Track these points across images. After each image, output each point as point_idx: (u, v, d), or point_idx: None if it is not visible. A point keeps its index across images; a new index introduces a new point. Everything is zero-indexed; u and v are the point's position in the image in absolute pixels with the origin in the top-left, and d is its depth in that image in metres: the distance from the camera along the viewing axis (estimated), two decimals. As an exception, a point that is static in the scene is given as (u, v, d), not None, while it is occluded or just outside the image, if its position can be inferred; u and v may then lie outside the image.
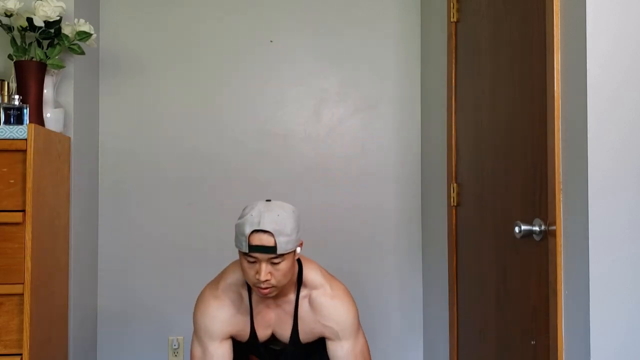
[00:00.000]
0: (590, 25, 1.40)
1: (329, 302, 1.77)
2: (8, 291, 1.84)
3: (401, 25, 2.84)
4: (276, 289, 1.64)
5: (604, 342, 1.38)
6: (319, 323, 1.76)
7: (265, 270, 1.60)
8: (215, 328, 1.75)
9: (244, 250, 1.60)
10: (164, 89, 2.75)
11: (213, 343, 1.75)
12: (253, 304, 1.76)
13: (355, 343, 1.79)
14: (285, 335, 1.78)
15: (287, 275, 1.64)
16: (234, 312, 1.76)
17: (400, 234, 2.82)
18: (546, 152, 1.56)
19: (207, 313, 1.76)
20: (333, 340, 1.78)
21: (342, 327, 1.76)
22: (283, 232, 1.60)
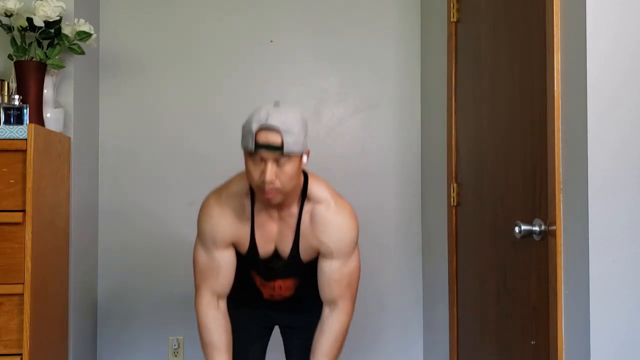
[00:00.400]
0: (590, 25, 1.40)
1: (330, 218, 1.70)
2: (8, 291, 1.84)
3: (401, 25, 2.84)
4: (280, 194, 1.58)
5: (604, 342, 1.38)
6: (316, 238, 1.70)
7: (271, 170, 1.54)
8: (219, 234, 1.72)
9: (250, 148, 1.54)
10: (164, 89, 2.75)
11: (217, 249, 1.73)
12: (255, 215, 1.71)
13: (344, 263, 1.73)
14: (285, 250, 1.72)
15: (292, 180, 1.57)
16: (236, 220, 1.72)
17: (400, 234, 2.82)
18: (546, 152, 1.56)
19: (211, 219, 1.72)
20: (325, 258, 1.72)
21: (336, 246, 1.71)
22: (291, 132, 1.53)
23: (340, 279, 1.73)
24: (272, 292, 1.81)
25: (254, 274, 1.80)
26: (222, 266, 1.73)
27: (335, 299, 1.74)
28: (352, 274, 1.75)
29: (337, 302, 1.74)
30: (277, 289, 1.80)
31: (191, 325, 2.73)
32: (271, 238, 1.73)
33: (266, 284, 1.80)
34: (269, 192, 1.56)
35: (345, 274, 1.74)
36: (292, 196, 1.68)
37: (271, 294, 1.82)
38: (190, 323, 2.73)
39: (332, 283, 1.73)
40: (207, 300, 1.75)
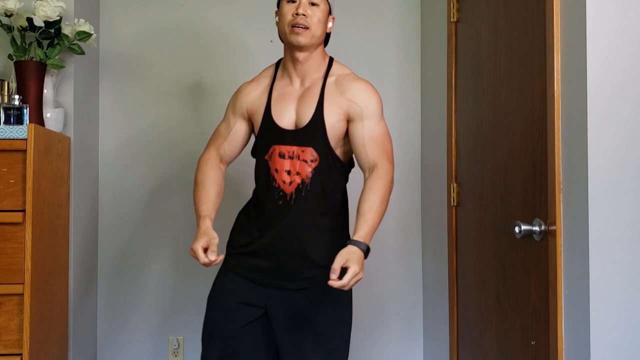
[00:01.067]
0: (590, 25, 1.40)
1: (356, 83, 1.80)
2: (8, 291, 1.84)
3: (401, 25, 2.84)
4: (307, 36, 1.72)
5: (604, 342, 1.38)
6: (344, 97, 1.76)
7: (304, 5, 1.73)
8: (237, 101, 1.87)
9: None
10: (164, 89, 2.75)
11: (234, 116, 1.88)
12: (275, 82, 1.83)
13: (377, 123, 1.77)
14: (308, 114, 1.75)
15: (319, 25, 1.74)
16: (261, 90, 1.85)
17: (400, 234, 2.82)
18: (546, 152, 1.56)
19: (237, 92, 1.90)
20: (354, 121, 1.75)
21: (366, 105, 1.76)
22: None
23: (374, 137, 1.75)
24: (289, 167, 1.74)
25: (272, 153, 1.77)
26: (232, 134, 1.87)
27: (374, 159, 1.74)
28: (384, 135, 1.77)
29: (377, 163, 1.74)
30: (294, 164, 1.74)
31: (191, 325, 2.73)
32: (290, 108, 1.78)
33: (282, 159, 1.75)
34: (299, 29, 1.71)
35: (379, 135, 1.76)
36: (317, 64, 1.80)
37: (285, 179, 1.74)
38: (191, 323, 2.73)
39: (367, 143, 1.74)
40: (210, 155, 1.89)
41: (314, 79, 1.80)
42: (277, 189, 1.76)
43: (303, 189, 1.75)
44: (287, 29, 1.74)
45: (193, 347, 2.72)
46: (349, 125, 1.77)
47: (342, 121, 1.76)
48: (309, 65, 1.79)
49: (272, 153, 1.77)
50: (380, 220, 1.75)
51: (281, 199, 1.76)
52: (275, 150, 1.76)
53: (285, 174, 1.75)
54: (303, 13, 1.72)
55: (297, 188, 1.75)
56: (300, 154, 1.75)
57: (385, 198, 1.73)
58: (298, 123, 1.77)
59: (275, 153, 1.76)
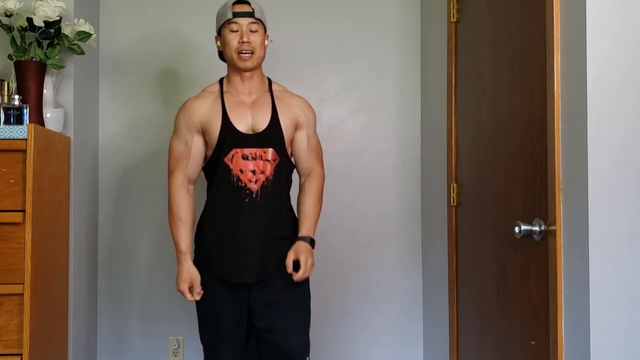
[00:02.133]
0: (590, 25, 1.40)
1: (297, 97, 2.10)
2: (8, 291, 1.84)
3: (401, 25, 2.84)
4: (253, 59, 1.96)
5: (604, 342, 1.38)
6: (292, 108, 2.04)
7: (247, 33, 1.95)
8: (191, 118, 1.99)
9: (228, 17, 1.95)
10: (164, 89, 2.75)
11: (190, 134, 2.00)
12: (225, 99, 2.00)
13: (313, 135, 2.11)
14: (265, 120, 1.98)
15: (261, 48, 1.98)
16: (208, 104, 2.00)
17: (400, 234, 2.82)
18: (546, 152, 1.56)
19: (184, 110, 2.02)
20: (300, 129, 2.06)
21: (308, 118, 2.08)
22: (257, 4, 2.00)
23: (313, 147, 2.10)
24: (253, 167, 1.94)
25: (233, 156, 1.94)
26: (193, 151, 2.00)
27: (311, 165, 2.08)
28: (319, 145, 2.14)
29: (313, 168, 2.09)
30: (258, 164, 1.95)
31: (191, 325, 2.73)
32: (245, 115, 1.98)
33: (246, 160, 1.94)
34: (246, 55, 1.94)
35: (315, 144, 2.12)
36: (261, 76, 2.05)
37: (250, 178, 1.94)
38: (191, 323, 2.73)
39: (308, 151, 2.08)
40: (180, 181, 2.01)
41: (260, 92, 2.04)
42: (244, 188, 1.95)
43: (268, 186, 1.97)
44: (235, 56, 1.96)
45: (193, 347, 2.72)
46: (295, 133, 2.06)
47: (292, 127, 2.04)
48: (255, 81, 2.04)
49: (234, 156, 1.95)
50: (319, 216, 2.08)
51: (247, 197, 1.95)
52: (238, 152, 1.95)
53: (251, 173, 1.95)
54: (247, 40, 1.94)
55: (263, 185, 1.96)
56: (262, 154, 1.96)
57: (320, 197, 2.09)
58: (255, 128, 1.98)
59: (237, 155, 1.95)
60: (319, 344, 2.74)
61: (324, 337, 2.76)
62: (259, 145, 1.95)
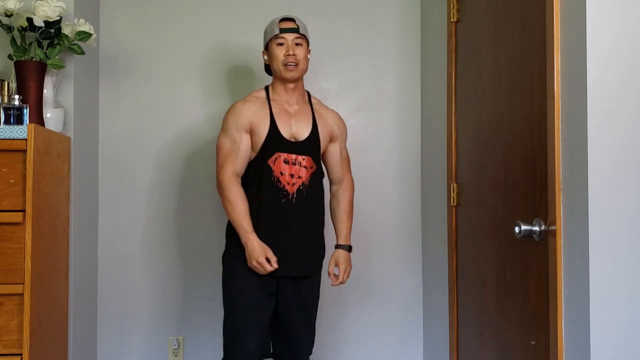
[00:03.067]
0: (590, 25, 1.40)
1: (332, 111, 2.30)
2: (8, 291, 1.84)
3: (401, 25, 2.84)
4: (297, 71, 2.12)
5: (604, 342, 1.38)
6: (328, 121, 2.22)
7: (292, 47, 2.11)
8: (241, 118, 2.11)
9: (276, 33, 2.11)
10: (164, 89, 2.75)
11: (239, 132, 2.10)
12: (272, 105, 2.14)
13: (344, 147, 2.31)
14: (305, 131, 2.14)
15: (304, 61, 2.14)
16: (256, 108, 2.13)
17: (400, 233, 2.82)
18: (546, 152, 1.56)
19: (234, 110, 2.13)
20: (334, 141, 2.24)
21: (341, 131, 2.28)
22: (301, 21, 2.17)
23: (345, 157, 2.30)
24: (291, 171, 2.09)
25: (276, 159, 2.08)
26: (241, 148, 2.10)
27: (343, 174, 2.27)
28: (348, 157, 2.33)
29: (344, 177, 2.28)
30: (296, 169, 2.10)
31: (191, 325, 2.73)
32: (289, 123, 2.13)
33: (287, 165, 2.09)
34: (291, 66, 2.10)
35: (346, 155, 2.31)
36: (302, 89, 2.21)
37: (288, 181, 2.09)
38: (191, 323, 2.73)
39: (341, 161, 2.27)
40: (230, 174, 2.10)
41: (301, 103, 2.19)
42: (282, 189, 2.09)
43: (304, 190, 2.11)
44: (281, 67, 2.11)
45: (193, 347, 2.72)
46: (329, 144, 2.23)
47: (328, 138, 2.22)
48: (297, 92, 2.18)
49: (277, 159, 2.09)
50: (352, 223, 2.28)
51: (284, 198, 2.09)
52: (280, 156, 2.09)
53: (289, 176, 2.09)
54: (293, 53, 2.10)
55: (298, 189, 2.10)
56: (301, 161, 2.12)
57: (352, 204, 2.29)
58: (296, 136, 2.13)
59: (280, 159, 2.09)
60: (319, 344, 2.74)
61: (324, 336, 2.76)
62: (299, 152, 2.11)
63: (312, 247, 2.17)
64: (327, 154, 2.25)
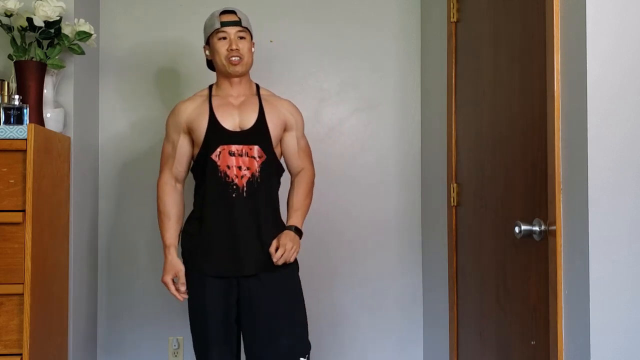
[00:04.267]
0: (590, 25, 1.40)
1: (285, 100, 2.18)
2: (8, 291, 1.84)
3: (401, 25, 2.84)
4: (243, 65, 2.04)
5: (604, 342, 1.38)
6: (280, 110, 2.11)
7: (235, 40, 2.02)
8: (178, 118, 2.07)
9: (217, 27, 2.03)
10: (164, 89, 2.75)
11: (178, 134, 2.07)
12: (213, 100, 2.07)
13: (302, 136, 2.18)
14: (251, 119, 2.04)
15: (249, 54, 2.06)
16: (195, 105, 2.08)
17: (400, 233, 2.82)
18: (546, 152, 1.56)
19: (172, 112, 2.11)
20: (289, 131, 2.13)
21: (297, 120, 2.15)
22: (243, 13, 2.09)
23: (303, 148, 2.18)
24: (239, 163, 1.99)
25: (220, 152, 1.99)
26: (178, 151, 2.07)
27: (302, 165, 2.16)
28: (308, 146, 2.21)
29: (304, 167, 2.17)
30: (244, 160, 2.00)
31: (191, 325, 2.73)
32: (232, 113, 2.04)
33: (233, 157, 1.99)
34: (235, 60, 2.01)
35: (305, 145, 2.19)
36: (249, 81, 2.12)
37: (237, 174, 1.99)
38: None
39: (299, 152, 2.16)
40: (166, 179, 2.09)
41: (248, 95, 2.11)
42: (231, 183, 2.00)
43: (254, 182, 2.01)
44: (225, 62, 2.03)
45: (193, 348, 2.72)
46: (284, 134, 2.13)
47: (280, 127, 2.10)
48: (243, 86, 2.11)
49: (221, 152, 2.00)
50: (308, 210, 2.14)
51: (234, 192, 2.00)
52: (225, 149, 2.00)
53: (237, 169, 2.00)
54: (236, 47, 2.02)
55: (248, 181, 2.01)
56: (248, 151, 2.01)
57: (310, 191, 2.16)
58: (242, 126, 2.04)
59: (224, 152, 2.00)
60: (319, 344, 2.74)
61: (324, 337, 2.76)
62: (245, 142, 2.01)
63: (270, 240, 2.00)
64: (283, 144, 2.14)
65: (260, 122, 2.04)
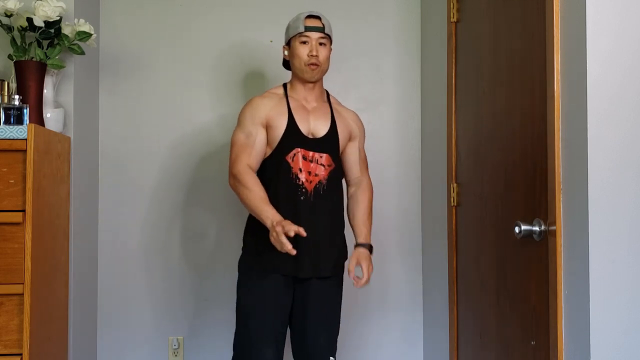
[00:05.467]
0: (590, 25, 1.40)
1: (351, 111, 2.22)
2: (8, 291, 1.84)
3: (401, 25, 2.84)
4: (319, 71, 2.06)
5: (604, 342, 1.38)
6: (347, 120, 2.15)
7: (316, 46, 2.04)
8: (257, 112, 2.05)
9: (301, 30, 2.04)
10: (164, 89, 2.75)
11: (255, 126, 2.03)
12: (290, 102, 2.08)
13: (363, 148, 2.23)
14: (323, 128, 2.07)
15: (327, 61, 2.08)
16: (274, 103, 2.07)
17: (400, 233, 2.82)
18: (546, 152, 1.56)
19: (250, 105, 2.08)
20: (352, 141, 2.17)
21: (360, 131, 2.20)
22: (327, 20, 2.10)
23: (363, 158, 2.22)
24: (309, 169, 2.02)
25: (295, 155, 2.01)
26: (257, 142, 2.02)
27: (361, 175, 2.19)
28: (366, 158, 2.25)
29: (362, 178, 2.19)
30: (314, 167, 2.03)
31: (191, 325, 2.73)
32: (307, 119, 2.06)
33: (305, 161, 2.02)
34: (313, 66, 2.03)
35: (364, 156, 2.23)
36: (321, 87, 2.14)
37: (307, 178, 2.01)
38: (191, 323, 2.73)
39: (359, 161, 2.19)
40: (244, 165, 2.00)
41: (320, 102, 2.13)
42: (301, 186, 2.02)
43: (320, 188, 2.04)
44: (304, 67, 2.05)
45: (193, 347, 2.72)
46: (347, 144, 2.15)
47: (347, 137, 2.14)
48: (316, 91, 2.12)
49: (295, 155, 2.02)
50: (372, 224, 2.17)
51: (303, 195, 2.02)
52: (299, 152, 2.02)
53: (307, 173, 2.02)
54: (316, 54, 2.03)
55: (315, 187, 2.03)
56: (319, 158, 2.04)
57: (372, 205, 2.19)
58: (314, 133, 2.07)
59: (298, 155, 2.02)
60: (319, 344, 2.74)
61: (324, 337, 2.76)
62: (318, 149, 2.04)
63: (332, 247, 2.07)
64: (346, 154, 2.16)
65: (332, 131, 2.08)
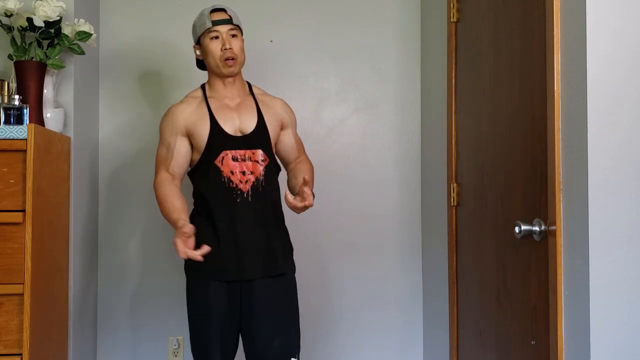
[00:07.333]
0: (590, 25, 1.40)
1: (278, 99, 2.16)
2: (8, 291, 1.84)
3: (401, 25, 2.84)
4: (237, 64, 2.00)
5: (604, 342, 1.38)
6: (276, 110, 2.09)
7: (227, 39, 1.98)
8: (176, 122, 2.00)
9: (208, 26, 1.99)
10: (164, 89, 2.75)
11: (174, 137, 1.99)
12: (210, 104, 2.02)
13: (295, 132, 2.18)
14: (251, 124, 2.01)
15: (242, 52, 2.03)
16: (193, 109, 2.02)
17: (400, 234, 2.82)
18: (546, 152, 1.56)
19: (167, 115, 2.03)
20: (285, 129, 2.12)
21: (291, 117, 2.15)
22: (232, 11, 2.05)
23: (299, 142, 2.19)
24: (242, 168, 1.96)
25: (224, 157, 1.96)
26: (177, 152, 1.98)
27: (299, 156, 2.16)
28: (301, 142, 2.22)
29: (302, 158, 2.16)
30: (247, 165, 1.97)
31: (191, 325, 2.73)
32: (232, 117, 2.01)
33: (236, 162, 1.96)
34: (230, 61, 1.98)
35: (299, 140, 2.20)
36: (242, 80, 2.09)
37: (241, 179, 1.96)
38: (190, 323, 2.73)
39: (295, 146, 2.16)
40: (163, 177, 1.97)
41: (243, 95, 2.08)
42: (235, 189, 1.97)
43: (259, 186, 1.99)
44: (220, 63, 1.99)
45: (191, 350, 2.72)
46: (280, 133, 2.11)
47: (277, 128, 2.09)
48: (237, 85, 2.07)
49: (224, 158, 1.96)
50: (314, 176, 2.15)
51: (239, 197, 1.97)
52: (227, 154, 1.97)
53: (240, 174, 1.97)
54: (229, 47, 1.98)
55: (253, 185, 1.98)
56: (251, 155, 1.98)
57: (313, 172, 2.14)
58: (242, 129, 2.01)
59: (227, 157, 1.97)
60: (319, 344, 2.74)
61: (323, 337, 2.76)
62: (248, 146, 1.98)
63: (276, 244, 2.02)
64: (281, 144, 2.12)
65: (260, 125, 2.02)
